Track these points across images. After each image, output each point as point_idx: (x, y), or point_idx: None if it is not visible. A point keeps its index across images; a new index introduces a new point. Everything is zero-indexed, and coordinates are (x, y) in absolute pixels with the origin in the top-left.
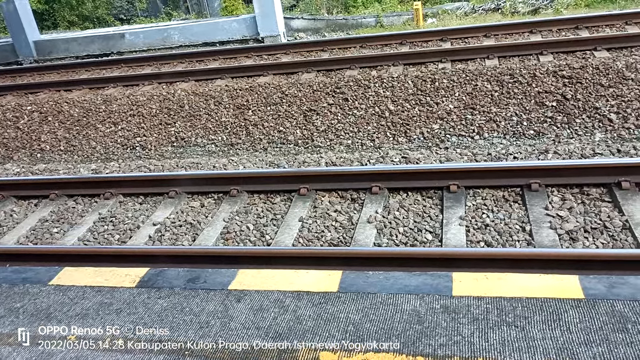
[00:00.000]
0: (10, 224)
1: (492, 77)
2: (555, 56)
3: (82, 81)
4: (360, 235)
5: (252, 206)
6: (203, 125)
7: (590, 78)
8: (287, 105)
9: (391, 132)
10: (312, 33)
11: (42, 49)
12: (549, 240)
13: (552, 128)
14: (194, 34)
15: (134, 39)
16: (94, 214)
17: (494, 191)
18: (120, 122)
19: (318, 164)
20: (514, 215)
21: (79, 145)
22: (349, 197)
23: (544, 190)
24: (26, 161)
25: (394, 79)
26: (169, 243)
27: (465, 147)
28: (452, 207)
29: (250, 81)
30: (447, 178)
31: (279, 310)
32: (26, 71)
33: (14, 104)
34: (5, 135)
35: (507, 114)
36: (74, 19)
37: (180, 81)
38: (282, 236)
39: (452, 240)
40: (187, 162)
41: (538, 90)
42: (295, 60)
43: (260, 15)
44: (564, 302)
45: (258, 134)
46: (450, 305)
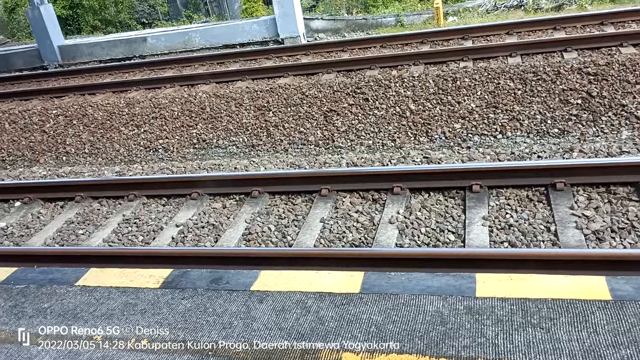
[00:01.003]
0: (38, 225)
1: (515, 75)
2: (580, 53)
3: (105, 85)
4: (382, 236)
5: (274, 207)
6: (224, 127)
7: (617, 75)
8: (307, 106)
9: (412, 131)
10: (332, 33)
11: (67, 54)
12: (574, 240)
13: (577, 126)
14: (214, 37)
15: (155, 43)
16: (118, 216)
17: (517, 191)
18: (143, 124)
19: (339, 164)
20: (539, 215)
21: (103, 148)
22: (370, 198)
23: (569, 189)
24: (52, 164)
25: (415, 78)
26: (191, 244)
27: (488, 146)
28: (474, 207)
29: (270, 82)
30: (470, 178)
31: (301, 311)
32: (51, 76)
33: (39, 108)
34: (31, 139)
35: (531, 113)
36: (97, 23)
37: (201, 83)
38: (304, 237)
39: (475, 240)
40: (209, 163)
41: (562, 88)
42: (316, 61)
43: (280, 16)
44: (590, 304)
45: (279, 135)
46: (474, 307)
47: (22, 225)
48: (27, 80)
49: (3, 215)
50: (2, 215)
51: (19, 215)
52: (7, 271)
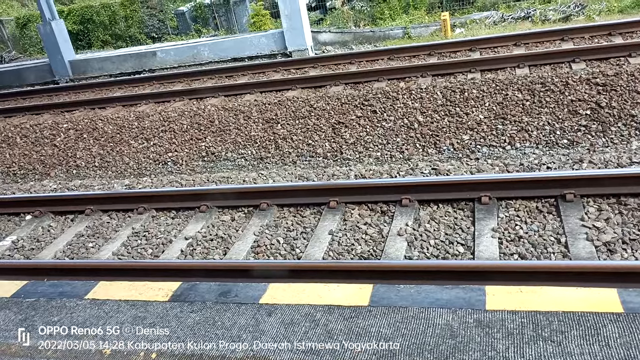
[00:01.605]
0: (48, 239)
1: (523, 86)
2: (588, 63)
3: (115, 99)
4: (391, 248)
5: (282, 220)
6: (233, 139)
7: (625, 85)
8: (315, 118)
9: (420, 143)
10: (339, 46)
11: (78, 68)
12: (585, 252)
13: (587, 137)
14: (223, 50)
15: (165, 57)
16: (128, 229)
17: (527, 202)
18: (152, 138)
19: (347, 176)
20: (549, 227)
21: (113, 162)
22: (378, 210)
23: (580, 200)
24: (62, 177)
25: (423, 90)
26: (200, 257)
27: (497, 157)
28: (484, 219)
29: (278, 95)
30: (479, 189)
31: (310, 325)
32: (62, 90)
33: (50, 122)
34: (42, 152)
35: (540, 123)
36: (107, 38)
37: (210, 97)
38: (312, 249)
39: (484, 252)
40: (218, 176)
41: (571, 99)
42: (323, 74)
43: (288, 29)
44: (602, 316)
45: (287, 148)
46: (484, 320)
47: (32, 239)
48: (38, 95)
49: (14, 228)
50: (13, 228)
51: (30, 229)
52: (17, 285)
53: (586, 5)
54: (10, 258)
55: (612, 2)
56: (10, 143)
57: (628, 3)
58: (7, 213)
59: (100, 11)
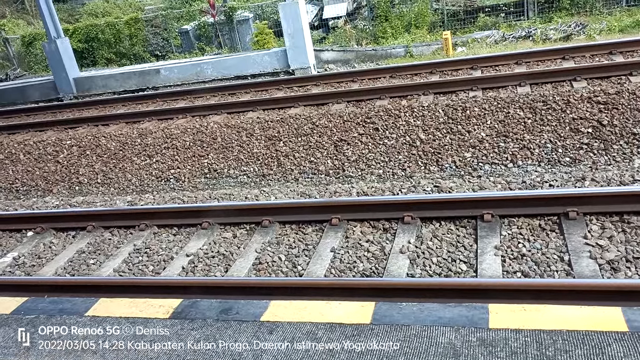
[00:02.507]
0: (49, 255)
1: (525, 104)
2: (590, 82)
3: (119, 116)
4: (393, 265)
5: (284, 237)
6: (235, 156)
7: (627, 103)
8: (317, 135)
9: (422, 161)
10: (342, 64)
11: (82, 86)
12: (589, 270)
13: (589, 155)
14: (226, 68)
15: (168, 74)
16: (129, 245)
17: (529, 220)
18: (155, 154)
19: (349, 193)
20: (552, 245)
21: (115, 178)
22: (380, 227)
23: (582, 218)
24: (65, 194)
25: (425, 108)
26: (202, 274)
27: (499, 175)
28: (486, 237)
29: (281, 113)
30: (481, 207)
31: (312, 343)
32: (66, 107)
33: (54, 139)
34: (45, 169)
35: (541, 141)
36: (111, 56)
37: (213, 114)
38: (314, 267)
39: (487, 270)
40: (220, 193)
41: (573, 117)
42: (326, 92)
43: (291, 48)
44: (606, 335)
45: (289, 165)
46: (487, 338)
47: (33, 255)
48: (42, 112)
49: (15, 245)
50: (15, 245)
51: (31, 245)
52: (17, 301)
53: (587, 25)
54: (11, 274)
55: (613, 22)
56: (13, 159)
57: (628, 23)
58: (9, 229)
59: (105, 29)
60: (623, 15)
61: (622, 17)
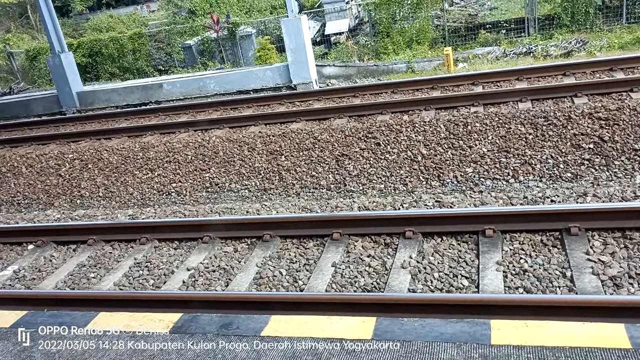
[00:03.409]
0: (50, 269)
1: (526, 120)
2: (590, 98)
3: (121, 130)
4: (395, 280)
5: (285, 251)
6: (237, 171)
7: (628, 119)
8: (319, 150)
9: (424, 176)
10: (343, 79)
11: (85, 100)
12: (591, 286)
13: (590, 170)
14: (228, 83)
15: (171, 89)
16: (130, 259)
17: (531, 235)
18: (157, 168)
19: (351, 208)
20: (554, 261)
21: (117, 192)
22: (382, 242)
23: (584, 234)
24: (66, 207)
25: (426, 123)
26: (202, 288)
27: (500, 190)
28: (488, 252)
29: (283, 127)
30: (483, 222)
31: (312, 358)
32: (69, 121)
33: (56, 152)
34: (47, 182)
35: (543, 157)
36: (115, 70)
37: (215, 128)
38: (315, 282)
39: (489, 286)
40: (221, 207)
41: (574, 133)
42: (327, 106)
43: (294, 63)
44: (609, 352)
45: (291, 179)
46: (489, 355)
47: (34, 269)
48: (45, 125)
49: (16, 258)
50: (15, 258)
51: (32, 259)
52: (17, 314)
53: (587, 42)
54: (11, 288)
55: (613, 39)
56: (15, 173)
57: (628, 40)
58: (10, 242)
59: (109, 44)
60: (623, 32)
61: (622, 34)
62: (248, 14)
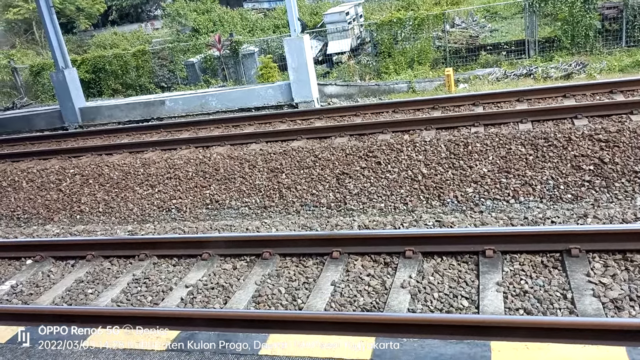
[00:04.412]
0: (47, 284)
1: (526, 141)
2: (591, 120)
3: (122, 145)
4: (394, 300)
5: (284, 269)
6: (237, 188)
7: (628, 142)
8: (320, 168)
9: (424, 195)
10: (345, 98)
11: (87, 115)
12: (592, 308)
13: (591, 192)
14: (230, 100)
15: (173, 105)
16: (128, 275)
17: (532, 256)
18: (158, 184)
19: (351, 227)
20: (554, 282)
21: (117, 207)
22: (382, 261)
23: (585, 256)
24: (66, 222)
25: (427, 142)
26: (200, 305)
27: (501, 210)
28: (488, 273)
29: (284, 145)
30: (483, 242)
31: None
32: (71, 136)
33: (57, 167)
34: (47, 197)
35: (543, 178)
36: (118, 87)
37: (216, 145)
38: (314, 300)
39: (489, 307)
40: (221, 224)
41: (574, 154)
42: (329, 125)
43: (295, 82)
44: None
45: (291, 197)
46: None
47: (31, 284)
48: (47, 140)
49: (14, 273)
50: (13, 273)
51: (30, 274)
52: (13, 330)
53: (587, 64)
54: (8, 303)
55: (613, 62)
56: (15, 187)
57: (628, 63)
58: (8, 257)
59: (112, 61)
60: (623, 55)
61: (622, 57)
62: (251, 32)
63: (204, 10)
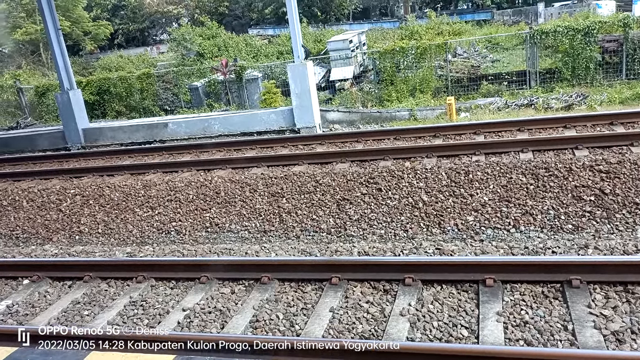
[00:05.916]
0: (43, 305)
1: (527, 171)
2: (591, 151)
3: (124, 167)
4: (393, 328)
5: (283, 294)
6: (237, 211)
7: (629, 173)
8: (320, 194)
9: (425, 222)
10: (347, 125)
11: (90, 136)
12: (593, 341)
13: (592, 223)
14: (233, 124)
15: (176, 128)
16: (125, 297)
17: (532, 286)
18: (158, 206)
19: (350, 253)
20: (555, 313)
21: (117, 229)
22: (381, 288)
23: (586, 287)
24: (65, 243)
25: (428, 170)
26: (197, 330)
27: (501, 239)
28: (488, 302)
29: (285, 170)
30: (483, 271)
31: None
32: (73, 157)
33: (58, 187)
34: (47, 217)
35: (544, 208)
36: (122, 109)
37: (217, 168)
38: (312, 326)
39: (489, 337)
40: (220, 247)
41: (575, 184)
42: (330, 151)
43: (298, 107)
44: None
45: (291, 222)
46: None
47: (27, 304)
48: (49, 160)
49: (10, 292)
50: (10, 292)
51: (26, 294)
52: (6, 351)
53: (588, 96)
54: (3, 323)
55: (613, 94)
56: (16, 207)
57: (628, 95)
58: (5, 277)
59: (117, 83)
60: (623, 88)
61: (622, 90)
62: (255, 57)
63: (209, 35)
